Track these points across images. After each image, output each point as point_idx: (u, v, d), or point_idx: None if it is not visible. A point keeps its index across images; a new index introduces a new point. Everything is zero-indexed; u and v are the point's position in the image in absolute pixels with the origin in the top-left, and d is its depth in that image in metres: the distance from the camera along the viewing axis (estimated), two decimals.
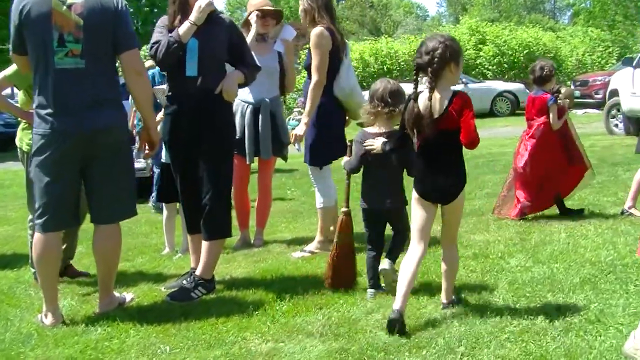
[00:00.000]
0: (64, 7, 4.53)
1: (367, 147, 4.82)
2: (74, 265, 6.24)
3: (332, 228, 6.52)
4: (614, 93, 16.36)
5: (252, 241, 7.05)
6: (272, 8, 6.91)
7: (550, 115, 7.27)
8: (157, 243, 7.55)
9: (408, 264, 4.30)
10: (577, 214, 7.21)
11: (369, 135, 4.89)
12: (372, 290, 4.92)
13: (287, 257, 6.31)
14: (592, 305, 4.33)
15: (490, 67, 33.17)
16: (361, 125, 5.24)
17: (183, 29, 5.03)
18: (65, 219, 4.81)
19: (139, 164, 10.35)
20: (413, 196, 4.43)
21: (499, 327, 4.05)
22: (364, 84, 28.25)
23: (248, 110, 6.70)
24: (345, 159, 5.16)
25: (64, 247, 5.50)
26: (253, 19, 6.69)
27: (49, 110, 4.57)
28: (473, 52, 33.77)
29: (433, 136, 4.24)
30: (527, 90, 27.47)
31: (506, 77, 31.84)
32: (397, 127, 4.72)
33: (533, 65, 7.64)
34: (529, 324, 4.07)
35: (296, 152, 6.66)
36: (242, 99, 6.69)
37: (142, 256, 7.02)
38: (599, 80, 24.00)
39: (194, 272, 5.31)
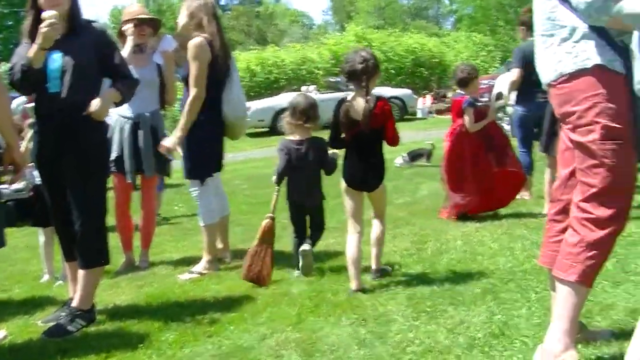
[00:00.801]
0: None
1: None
2: None
3: (219, 245, 6.29)
4: (499, 96, 16.59)
5: (137, 263, 6.68)
6: (148, 16, 6.58)
7: (466, 118, 7.28)
8: (37, 270, 7.09)
9: (351, 247, 5.09)
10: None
11: (292, 143, 5.66)
12: (299, 271, 5.65)
13: (174, 279, 5.95)
14: (495, 317, 4.16)
15: None
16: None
17: (31, 53, 4.46)
18: None
19: (17, 184, 9.80)
20: (342, 187, 5.19)
21: (400, 348, 3.82)
22: (251, 93, 28.10)
23: (127, 126, 6.33)
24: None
25: None
26: (128, 29, 6.33)
27: None
28: None
29: (365, 134, 5.02)
30: (414, 96, 27.83)
31: (393, 83, 32.05)
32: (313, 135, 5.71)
33: (455, 68, 7.78)
34: (432, 343, 3.85)
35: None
36: (121, 114, 6.32)
37: (20, 285, 6.55)
38: (484, 84, 24.37)
39: (71, 301, 4.92)
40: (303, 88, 26.76)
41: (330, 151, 5.67)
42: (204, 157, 5.97)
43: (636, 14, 2.97)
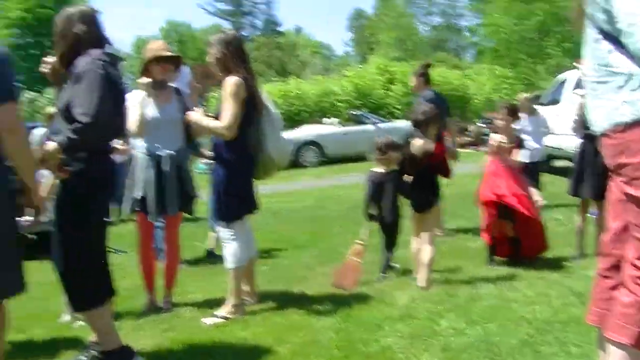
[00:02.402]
0: None
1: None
2: None
3: (245, 288, 6.16)
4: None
5: (160, 304, 6.52)
6: (170, 53, 6.48)
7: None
8: (58, 308, 6.92)
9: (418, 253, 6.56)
10: None
11: (377, 174, 7.12)
12: (383, 274, 7.09)
13: (199, 323, 5.79)
14: None
15: (399, 107, 33.20)
16: None
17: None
18: None
19: (44, 217, 9.71)
20: (411, 212, 6.74)
21: None
22: None
23: (151, 164, 6.21)
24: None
25: None
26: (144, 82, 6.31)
27: None
28: (382, 91, 33.87)
29: (424, 168, 6.51)
30: None
31: None
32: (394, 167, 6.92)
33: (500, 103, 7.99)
34: None
35: (203, 198, 6.27)
36: (144, 152, 6.24)
37: (40, 325, 6.36)
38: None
39: (93, 344, 4.78)
40: (325, 120, 26.74)
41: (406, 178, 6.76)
42: (233, 198, 5.85)
43: None
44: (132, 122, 6.20)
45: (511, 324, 4.97)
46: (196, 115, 5.98)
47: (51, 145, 4.25)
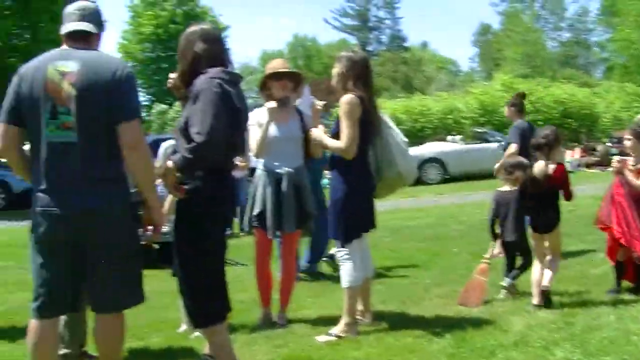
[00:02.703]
0: (59, 76, 4.14)
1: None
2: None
3: (360, 307, 6.17)
4: None
5: (275, 319, 6.60)
6: (289, 70, 6.56)
7: None
8: (176, 317, 7.09)
9: (536, 272, 6.66)
10: None
11: (503, 193, 7.17)
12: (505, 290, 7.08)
13: (312, 341, 5.82)
14: None
15: None
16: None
17: None
18: (61, 304, 4.37)
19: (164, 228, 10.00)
20: (531, 232, 6.84)
21: None
22: None
23: (270, 182, 6.33)
24: None
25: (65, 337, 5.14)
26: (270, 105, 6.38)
27: (41, 187, 4.18)
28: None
29: (545, 190, 6.60)
30: (562, 149, 26.93)
31: None
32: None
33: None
34: None
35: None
36: (264, 169, 6.37)
37: (157, 334, 6.55)
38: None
39: (207, 357, 4.91)
40: (449, 138, 26.55)
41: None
42: (349, 218, 5.86)
43: None
44: (253, 140, 6.32)
45: (631, 358, 4.78)
46: (318, 133, 6.03)
47: (169, 164, 4.36)
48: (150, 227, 4.49)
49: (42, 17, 23.84)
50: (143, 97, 59.41)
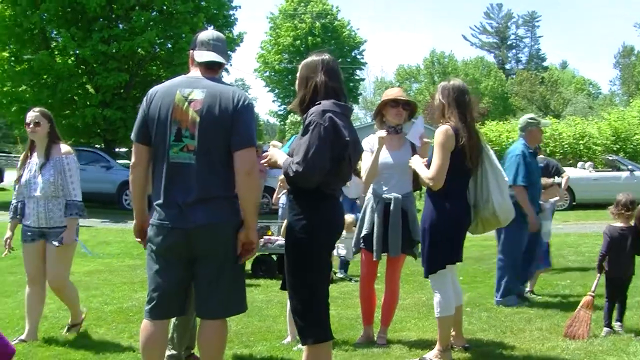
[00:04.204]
0: (185, 103, 4.53)
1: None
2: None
3: (452, 333, 6.26)
4: None
5: (375, 339, 6.80)
6: (404, 98, 6.73)
7: None
8: (283, 329, 7.38)
9: None
10: None
11: (616, 228, 7.09)
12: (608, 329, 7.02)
13: None
14: None
15: None
16: None
17: None
18: (170, 308, 4.76)
19: (281, 240, 10.35)
20: None
21: None
22: None
23: (379, 206, 6.56)
24: None
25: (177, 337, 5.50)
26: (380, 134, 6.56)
27: (159, 201, 4.61)
28: None
29: None
30: None
31: None
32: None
33: None
34: None
35: None
36: (374, 193, 6.59)
37: (263, 343, 6.85)
38: None
39: None
40: (579, 164, 25.94)
41: None
42: (438, 248, 5.96)
43: None
44: (364, 167, 6.54)
45: None
46: (417, 161, 6.16)
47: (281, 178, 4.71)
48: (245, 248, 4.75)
49: (183, 28, 24.80)
50: (278, 108, 60.53)
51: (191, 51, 4.89)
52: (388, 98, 6.68)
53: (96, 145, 27.03)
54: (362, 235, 6.68)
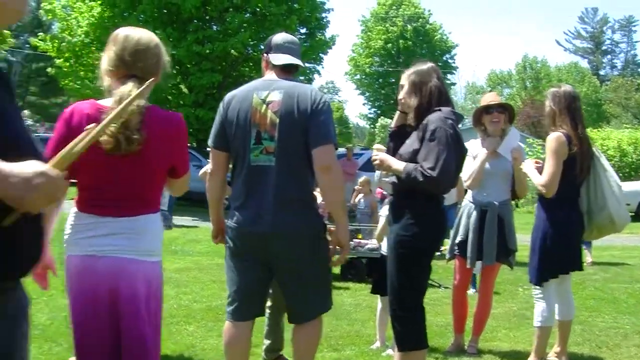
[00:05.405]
0: (263, 106, 4.52)
1: None
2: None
3: (556, 349, 6.14)
4: None
5: (466, 347, 6.70)
6: (497, 102, 6.62)
7: None
8: (372, 334, 7.32)
9: None
10: None
11: None
12: None
13: None
14: None
15: None
16: None
17: None
18: (251, 309, 4.76)
19: (371, 244, 10.31)
20: None
21: None
22: (619, 174, 26.72)
23: (475, 212, 6.45)
24: None
25: (269, 341, 5.55)
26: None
27: (237, 204, 4.60)
28: None
29: None
30: None
31: None
32: None
33: None
34: None
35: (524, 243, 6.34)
36: (471, 200, 6.51)
37: (352, 347, 6.81)
38: None
39: None
40: None
41: None
42: (546, 258, 5.85)
43: None
44: (467, 173, 6.45)
45: None
46: (530, 166, 6.05)
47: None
48: (337, 247, 4.72)
49: (276, 30, 24.97)
50: (369, 111, 60.58)
51: (265, 55, 4.87)
52: (481, 106, 6.61)
53: (188, 145, 27.44)
54: (456, 241, 6.60)
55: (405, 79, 4.96)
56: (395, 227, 4.81)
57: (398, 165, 4.73)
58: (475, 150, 6.50)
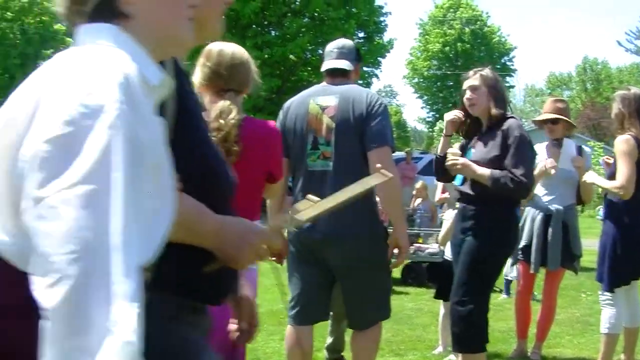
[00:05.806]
0: (319, 111, 4.54)
1: None
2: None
3: (622, 357, 6.02)
4: None
5: (529, 354, 6.63)
6: (546, 117, 6.57)
7: None
8: (434, 339, 7.29)
9: None
10: None
11: None
12: None
13: None
14: None
15: None
16: None
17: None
18: (313, 314, 4.77)
19: (432, 249, 10.28)
20: None
21: None
22: None
23: (539, 217, 6.40)
24: None
25: (330, 340, 5.51)
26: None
27: None
28: None
29: None
30: None
31: None
32: None
33: None
34: None
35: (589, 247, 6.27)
36: (534, 205, 6.46)
37: (414, 352, 6.79)
38: None
39: None
40: None
41: None
42: (618, 263, 5.72)
43: None
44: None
45: None
46: (592, 176, 6.00)
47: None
48: (395, 250, 4.70)
49: (334, 34, 25.06)
50: (427, 114, 60.25)
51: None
52: (537, 120, 6.78)
53: None
54: (520, 246, 6.50)
55: (482, 81, 4.97)
56: (469, 233, 4.82)
57: (483, 170, 4.73)
58: (541, 155, 6.43)
